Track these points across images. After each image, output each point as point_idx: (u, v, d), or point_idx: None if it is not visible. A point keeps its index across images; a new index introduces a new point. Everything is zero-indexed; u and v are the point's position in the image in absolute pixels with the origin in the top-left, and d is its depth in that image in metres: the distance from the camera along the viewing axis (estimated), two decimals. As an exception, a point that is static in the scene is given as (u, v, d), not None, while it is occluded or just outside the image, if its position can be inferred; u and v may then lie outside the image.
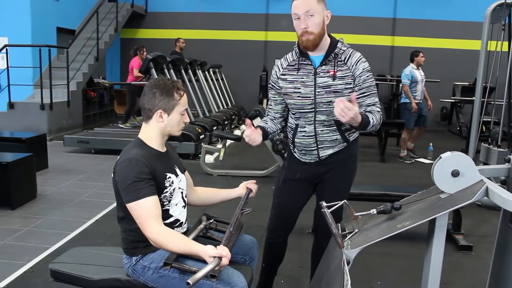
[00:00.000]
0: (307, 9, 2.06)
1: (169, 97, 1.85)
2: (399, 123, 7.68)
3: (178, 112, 1.89)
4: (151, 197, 1.76)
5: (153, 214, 1.75)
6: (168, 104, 1.85)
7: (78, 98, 8.81)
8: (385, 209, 1.72)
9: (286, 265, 2.92)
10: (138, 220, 1.76)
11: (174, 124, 1.90)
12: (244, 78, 11.45)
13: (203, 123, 7.51)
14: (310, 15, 2.06)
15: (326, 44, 2.17)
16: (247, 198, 2.09)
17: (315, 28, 2.08)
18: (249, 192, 2.13)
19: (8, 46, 7.76)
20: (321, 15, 2.09)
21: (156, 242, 1.74)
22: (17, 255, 3.22)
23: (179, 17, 11.68)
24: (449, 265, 3.14)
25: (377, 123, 2.16)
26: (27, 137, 5.55)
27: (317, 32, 2.09)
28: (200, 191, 2.21)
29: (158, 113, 1.86)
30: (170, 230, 1.78)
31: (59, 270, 1.94)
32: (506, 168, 1.88)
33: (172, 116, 1.88)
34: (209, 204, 2.24)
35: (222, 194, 2.23)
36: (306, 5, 2.06)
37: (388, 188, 3.98)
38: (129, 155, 1.82)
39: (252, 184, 2.17)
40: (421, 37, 10.94)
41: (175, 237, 1.74)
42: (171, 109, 1.87)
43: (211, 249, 1.62)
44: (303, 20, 2.07)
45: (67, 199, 4.56)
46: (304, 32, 2.09)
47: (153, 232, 1.73)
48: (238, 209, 1.97)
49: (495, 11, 3.66)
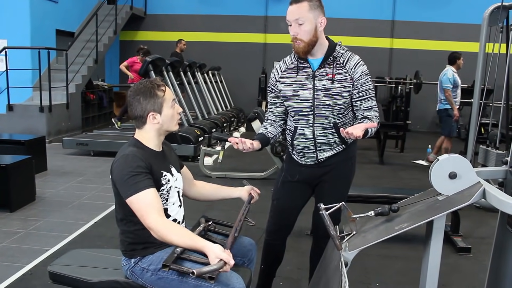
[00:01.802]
0: (296, 17, 2.08)
1: (154, 97, 1.86)
2: (398, 125, 7.71)
3: (168, 106, 1.89)
4: (151, 189, 1.75)
5: (155, 206, 1.73)
6: (155, 104, 1.86)
7: (77, 101, 8.82)
8: (383, 211, 1.72)
9: (285, 267, 2.93)
10: (139, 213, 1.73)
11: (169, 119, 1.91)
12: (243, 80, 11.46)
13: (202, 125, 7.52)
14: (300, 23, 2.08)
15: (324, 47, 2.17)
16: (250, 203, 2.09)
17: (304, 36, 2.09)
18: (250, 199, 2.12)
19: (7, 48, 7.76)
20: (312, 23, 2.09)
21: (159, 234, 1.69)
22: (16, 258, 3.22)
23: (178, 20, 11.70)
24: (447, 267, 3.15)
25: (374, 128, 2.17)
26: (26, 139, 5.54)
27: (307, 40, 2.10)
28: (200, 185, 2.22)
29: (151, 116, 1.87)
30: (174, 223, 1.78)
31: (58, 272, 1.95)
32: (504, 170, 1.89)
33: (164, 112, 1.89)
34: (209, 200, 2.25)
35: (223, 192, 2.22)
36: (296, 13, 2.08)
37: (386, 190, 3.99)
38: (125, 152, 1.84)
39: (256, 193, 2.17)
40: (419, 39, 10.98)
41: (179, 230, 1.72)
42: (160, 107, 1.87)
43: (220, 250, 1.60)
44: (293, 27, 2.10)
45: (66, 201, 4.56)
46: (294, 38, 2.12)
47: (156, 224, 1.69)
48: (241, 214, 1.95)
49: (493, 13, 3.67)
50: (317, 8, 2.09)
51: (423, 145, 7.56)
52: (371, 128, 2.10)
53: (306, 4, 2.07)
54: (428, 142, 7.61)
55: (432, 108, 10.73)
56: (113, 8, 10.26)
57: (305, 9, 2.07)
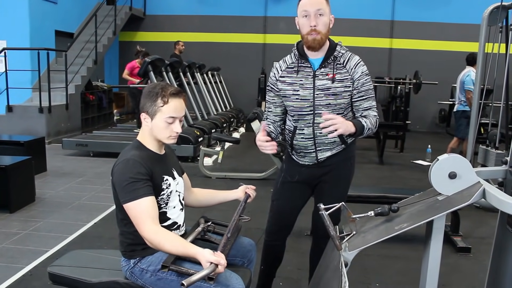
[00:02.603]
0: (319, 7, 2.06)
1: (152, 102, 1.83)
2: (398, 125, 7.71)
3: (162, 118, 1.83)
4: (148, 197, 1.76)
5: (150, 215, 1.74)
6: (150, 108, 1.84)
7: (77, 101, 8.81)
8: (383, 211, 1.72)
9: (285, 267, 2.92)
10: (134, 220, 1.76)
11: (159, 130, 1.86)
12: (243, 81, 11.46)
13: (202, 126, 7.51)
14: (320, 14, 2.06)
15: (325, 47, 2.17)
16: (246, 203, 2.08)
17: (323, 28, 2.08)
18: (247, 197, 2.11)
19: (6, 49, 7.76)
20: (329, 17, 2.10)
21: (153, 243, 1.73)
22: (15, 259, 3.22)
23: (177, 20, 11.69)
24: (447, 267, 3.15)
25: (372, 126, 2.16)
26: (25, 140, 5.53)
27: (324, 32, 2.10)
28: (197, 192, 2.21)
29: (143, 116, 1.88)
30: (167, 231, 1.77)
31: (57, 273, 1.94)
32: (504, 170, 1.89)
33: (155, 121, 1.85)
34: (207, 206, 2.23)
35: (220, 196, 2.22)
36: (317, 3, 2.06)
37: (386, 190, 3.98)
38: (126, 156, 1.83)
39: (251, 190, 2.15)
40: (419, 39, 10.98)
41: (172, 238, 1.73)
42: (154, 114, 1.84)
43: (209, 254, 1.61)
44: (313, 18, 2.07)
45: (66, 202, 4.56)
46: (312, 30, 2.08)
47: (149, 232, 1.72)
48: (236, 214, 1.95)
49: (493, 13, 3.66)
50: (329, 4, 2.10)
51: (422, 145, 7.56)
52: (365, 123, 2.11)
53: None
54: (428, 142, 7.61)
55: (431, 108, 10.84)
56: (112, 9, 10.25)
57: (324, 1, 2.08)
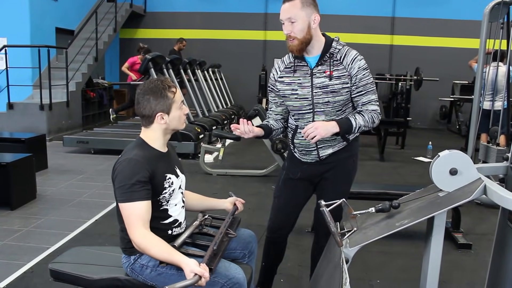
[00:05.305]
0: (288, 15, 2.09)
1: (164, 98, 1.86)
2: (398, 122, 7.71)
3: (176, 108, 1.90)
4: (144, 201, 1.77)
5: (142, 219, 1.76)
6: (165, 105, 1.86)
7: (78, 99, 8.81)
8: (384, 207, 1.72)
9: (286, 264, 2.93)
10: (125, 221, 1.78)
11: (176, 120, 1.92)
12: (243, 78, 11.45)
13: (203, 123, 7.52)
14: (292, 21, 2.08)
15: (321, 45, 2.17)
16: (233, 215, 2.08)
17: (298, 34, 2.10)
18: (235, 210, 2.12)
19: (7, 47, 7.74)
20: (305, 21, 2.09)
21: (139, 246, 1.74)
22: (17, 255, 3.22)
23: (178, 17, 11.68)
24: (448, 263, 3.15)
25: (366, 123, 2.16)
26: (26, 137, 5.54)
27: (301, 38, 2.10)
28: (188, 195, 2.18)
29: (159, 116, 1.87)
30: (156, 237, 1.76)
31: (59, 270, 1.95)
32: (505, 166, 1.89)
33: (172, 114, 1.89)
34: (194, 210, 2.20)
35: (208, 203, 2.23)
36: (288, 11, 2.09)
37: (386, 187, 3.99)
38: (129, 155, 1.83)
39: (240, 203, 2.17)
40: (420, 36, 10.95)
41: (159, 244, 1.74)
42: (169, 108, 1.88)
43: (194, 264, 1.62)
44: (286, 25, 2.11)
45: (67, 199, 4.56)
46: (287, 37, 2.13)
47: (138, 236, 1.74)
48: (223, 227, 1.94)
49: (494, 9, 3.65)
50: (309, 6, 2.08)
51: (423, 142, 7.55)
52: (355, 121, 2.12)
53: (298, 2, 2.07)
54: (429, 139, 7.61)
55: (432, 105, 10.82)
56: (113, 6, 10.23)
57: (298, 7, 2.07)
